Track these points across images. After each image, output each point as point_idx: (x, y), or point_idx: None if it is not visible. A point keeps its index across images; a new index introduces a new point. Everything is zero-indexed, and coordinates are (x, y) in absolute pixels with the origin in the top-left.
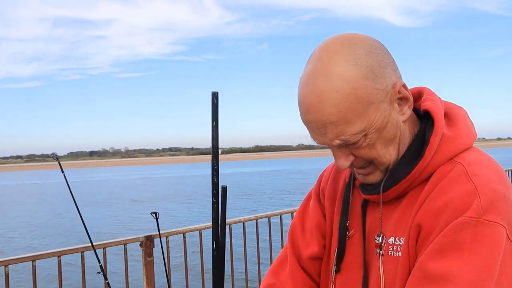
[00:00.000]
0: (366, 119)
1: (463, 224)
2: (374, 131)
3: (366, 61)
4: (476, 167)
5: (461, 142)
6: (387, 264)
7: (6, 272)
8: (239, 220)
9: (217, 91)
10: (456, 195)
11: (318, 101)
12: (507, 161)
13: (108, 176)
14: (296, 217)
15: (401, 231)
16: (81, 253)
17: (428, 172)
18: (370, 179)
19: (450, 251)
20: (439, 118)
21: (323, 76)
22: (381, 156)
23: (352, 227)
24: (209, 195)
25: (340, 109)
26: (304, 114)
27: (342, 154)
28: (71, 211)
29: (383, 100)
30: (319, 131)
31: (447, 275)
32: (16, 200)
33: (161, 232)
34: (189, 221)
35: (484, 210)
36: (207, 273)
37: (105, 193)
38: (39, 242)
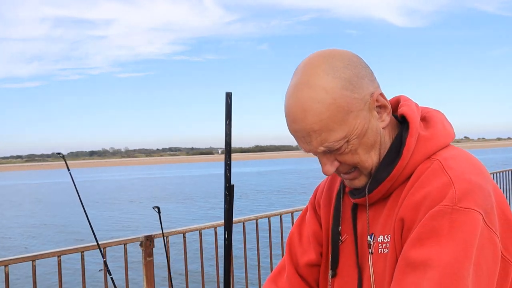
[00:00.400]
0: (346, 126)
1: (439, 212)
2: (355, 137)
3: (344, 73)
4: (452, 161)
5: (437, 141)
6: (377, 262)
7: (6, 272)
8: (238, 220)
9: (231, 92)
10: (433, 188)
11: (302, 111)
12: (507, 161)
13: (108, 176)
14: (294, 227)
15: (388, 229)
16: (81, 253)
17: (408, 171)
18: (356, 183)
19: (429, 238)
20: (413, 120)
21: (306, 88)
22: (364, 161)
23: (345, 232)
24: (209, 195)
25: (322, 118)
26: (290, 125)
27: (328, 160)
28: (68, 211)
29: (362, 109)
30: (304, 139)
31: (426, 260)
32: (14, 200)
33: (160, 232)
34: (189, 221)
35: (459, 199)
36: (207, 274)
37: (105, 193)
38: (33, 243)
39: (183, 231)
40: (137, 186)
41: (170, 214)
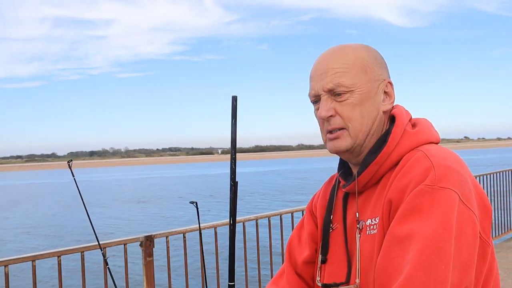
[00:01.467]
0: (358, 79)
1: (420, 191)
2: (359, 93)
3: (374, 53)
4: (434, 151)
5: (422, 137)
6: (365, 244)
7: (6, 272)
8: (238, 220)
9: (237, 95)
10: (417, 172)
11: (332, 55)
12: (507, 161)
13: (108, 176)
14: (294, 231)
15: (376, 212)
16: (81, 253)
17: (394, 159)
18: (339, 143)
19: (412, 215)
20: (400, 117)
21: (342, 47)
22: (356, 120)
23: (336, 221)
24: (209, 195)
25: (343, 62)
26: (315, 65)
27: (327, 104)
28: (68, 211)
29: (376, 81)
30: (321, 76)
31: (410, 234)
32: (14, 200)
33: (160, 232)
34: (189, 221)
35: (439, 180)
36: (208, 275)
37: (105, 193)
38: (30, 243)
39: (183, 231)
40: (137, 186)
41: (170, 214)
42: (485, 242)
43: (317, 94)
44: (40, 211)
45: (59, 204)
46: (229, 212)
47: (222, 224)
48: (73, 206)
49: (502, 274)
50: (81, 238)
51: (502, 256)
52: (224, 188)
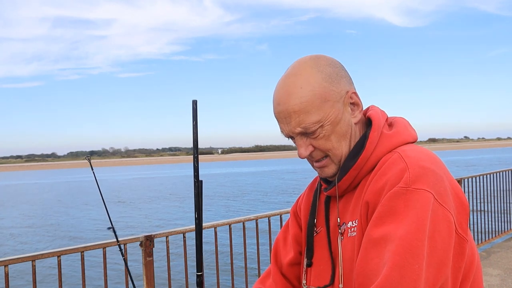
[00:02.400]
0: (322, 112)
1: (395, 193)
2: (329, 124)
3: (326, 69)
4: (410, 151)
5: (399, 138)
6: (347, 245)
7: (6, 272)
8: (238, 220)
9: (197, 100)
10: (392, 174)
11: (287, 94)
12: (507, 161)
13: (108, 176)
14: (280, 233)
15: (355, 214)
16: (81, 253)
17: (372, 162)
18: (326, 171)
19: (387, 217)
20: (376, 119)
21: (292, 77)
22: (335, 148)
23: (320, 225)
24: (209, 195)
25: (302, 101)
26: (276, 107)
27: (303, 143)
28: (67, 211)
29: (338, 101)
30: (285, 120)
31: (386, 235)
32: (14, 200)
33: (160, 232)
34: (188, 221)
35: (413, 181)
36: (208, 274)
37: (105, 193)
38: (33, 243)
39: (183, 231)
40: (137, 186)
41: (170, 214)
42: (462, 238)
43: (289, 135)
44: (39, 211)
45: (59, 204)
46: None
47: (222, 224)
48: (74, 207)
49: (502, 274)
50: (83, 238)
51: (502, 256)
52: (223, 188)
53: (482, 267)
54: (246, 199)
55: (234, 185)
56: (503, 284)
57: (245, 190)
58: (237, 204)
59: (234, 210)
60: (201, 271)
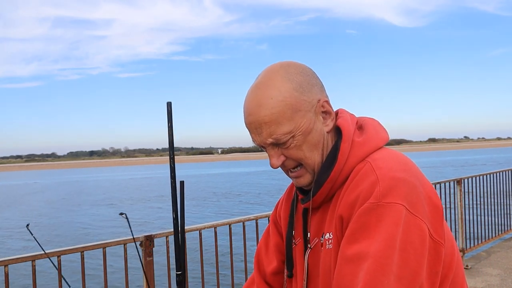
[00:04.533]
0: (293, 122)
1: (366, 209)
2: (300, 134)
3: (297, 78)
4: (380, 161)
5: (370, 145)
6: (326, 258)
7: (6, 272)
8: (238, 220)
9: (171, 101)
10: (364, 187)
11: (257, 105)
12: (507, 161)
13: (108, 176)
14: (261, 241)
15: (331, 227)
16: (81, 253)
17: (346, 173)
18: (301, 181)
19: (360, 234)
20: (346, 128)
21: (263, 87)
22: (307, 158)
23: (298, 236)
24: (209, 195)
25: (273, 112)
26: (246, 117)
27: (275, 153)
28: (66, 211)
29: (309, 110)
30: (256, 131)
31: (359, 253)
32: (13, 200)
33: (161, 232)
34: (189, 221)
35: (383, 195)
36: (208, 274)
37: (105, 192)
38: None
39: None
40: (137, 186)
41: (169, 214)
42: (437, 243)
43: (261, 145)
44: (39, 211)
45: (58, 204)
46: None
47: (222, 224)
48: (73, 207)
49: (502, 274)
50: (83, 237)
51: (502, 256)
52: (222, 188)
53: (482, 267)
54: (243, 199)
55: (237, 185)
56: (503, 284)
57: (244, 189)
58: (231, 203)
59: (225, 210)
60: (180, 270)
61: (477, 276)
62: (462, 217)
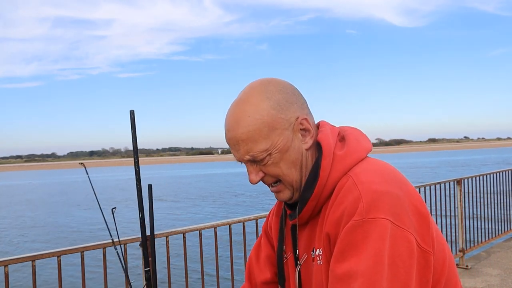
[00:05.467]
0: (270, 140)
1: (352, 227)
2: (277, 152)
3: (275, 96)
4: (362, 175)
5: (351, 158)
6: (317, 274)
7: (6, 272)
8: (238, 220)
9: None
10: (348, 203)
11: (235, 122)
12: (507, 161)
13: (108, 176)
14: (252, 251)
15: (319, 242)
16: (81, 253)
17: (329, 188)
18: (281, 196)
19: (348, 252)
20: (326, 143)
21: (241, 104)
22: (286, 175)
23: (288, 251)
24: (208, 195)
25: (250, 129)
26: (226, 133)
27: (254, 170)
28: (66, 211)
29: (287, 128)
30: (234, 147)
31: (349, 272)
32: (13, 200)
33: (160, 232)
34: (188, 221)
35: (366, 211)
36: (207, 275)
37: (105, 192)
38: (32, 243)
39: (183, 231)
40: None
41: (169, 214)
42: (425, 252)
43: (240, 161)
44: (39, 211)
45: (58, 204)
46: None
47: (222, 224)
48: (73, 207)
49: (502, 274)
50: (82, 237)
51: (502, 256)
52: (222, 188)
53: (482, 267)
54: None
55: (237, 185)
56: (503, 284)
57: (245, 190)
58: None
59: (225, 210)
60: (148, 266)
61: (477, 276)
62: (462, 217)
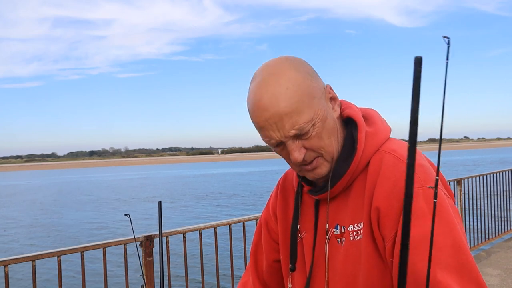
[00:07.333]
0: (312, 109)
1: (415, 194)
2: (320, 121)
3: (303, 68)
4: (401, 150)
5: (381, 135)
6: (349, 249)
7: (6, 272)
8: (238, 220)
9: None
10: (398, 176)
11: (274, 98)
12: (507, 161)
13: (108, 176)
14: (255, 236)
15: (358, 217)
16: (81, 253)
17: (363, 163)
18: (319, 172)
19: (416, 219)
20: (360, 120)
21: (274, 80)
22: (328, 146)
23: (304, 229)
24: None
25: (292, 101)
26: (261, 114)
27: (296, 147)
28: (65, 211)
29: (321, 97)
30: (276, 125)
31: (424, 237)
32: (13, 200)
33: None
34: (189, 221)
35: (424, 180)
36: (207, 274)
37: (105, 192)
38: (32, 243)
39: (183, 231)
40: (136, 186)
41: (169, 214)
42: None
43: (279, 141)
44: (38, 211)
45: (57, 204)
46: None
47: (222, 224)
48: (72, 207)
49: (502, 274)
50: (82, 237)
51: (502, 256)
52: (222, 188)
53: (482, 267)
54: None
55: (237, 185)
56: (503, 284)
57: (245, 190)
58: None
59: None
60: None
61: None
62: (462, 217)
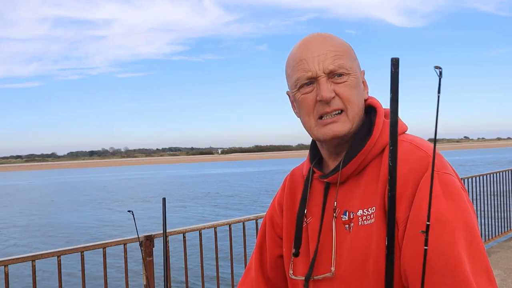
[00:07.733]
0: (352, 64)
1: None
2: (354, 77)
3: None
4: (418, 140)
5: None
6: (358, 234)
7: (6, 272)
8: (238, 220)
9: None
10: (414, 161)
11: (324, 39)
12: (507, 161)
13: (108, 176)
14: (260, 234)
15: (370, 202)
16: (81, 253)
17: (378, 149)
18: (337, 127)
19: (434, 199)
20: (380, 107)
21: (325, 34)
22: (354, 103)
23: (310, 215)
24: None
25: (340, 47)
26: (308, 47)
27: (328, 87)
28: (65, 211)
29: (359, 69)
30: (319, 58)
31: (438, 219)
32: (13, 200)
33: (160, 232)
34: (189, 221)
35: (439, 166)
36: (207, 273)
37: (105, 192)
38: (32, 243)
39: (183, 231)
40: (136, 186)
41: (168, 214)
42: None
43: (314, 76)
44: (38, 211)
45: (57, 204)
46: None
47: (222, 224)
48: (72, 207)
49: (502, 274)
50: (82, 237)
51: (502, 256)
52: (222, 188)
53: None
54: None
55: (237, 185)
56: (503, 284)
57: (245, 190)
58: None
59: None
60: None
61: None
62: None
